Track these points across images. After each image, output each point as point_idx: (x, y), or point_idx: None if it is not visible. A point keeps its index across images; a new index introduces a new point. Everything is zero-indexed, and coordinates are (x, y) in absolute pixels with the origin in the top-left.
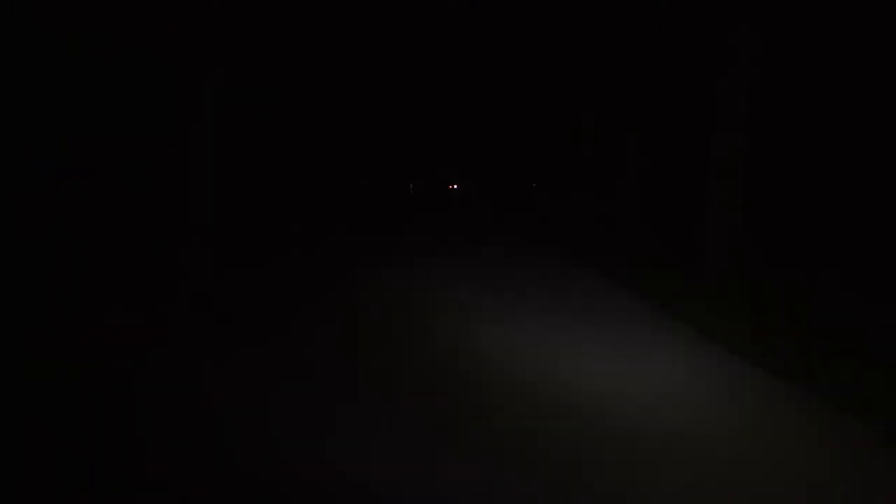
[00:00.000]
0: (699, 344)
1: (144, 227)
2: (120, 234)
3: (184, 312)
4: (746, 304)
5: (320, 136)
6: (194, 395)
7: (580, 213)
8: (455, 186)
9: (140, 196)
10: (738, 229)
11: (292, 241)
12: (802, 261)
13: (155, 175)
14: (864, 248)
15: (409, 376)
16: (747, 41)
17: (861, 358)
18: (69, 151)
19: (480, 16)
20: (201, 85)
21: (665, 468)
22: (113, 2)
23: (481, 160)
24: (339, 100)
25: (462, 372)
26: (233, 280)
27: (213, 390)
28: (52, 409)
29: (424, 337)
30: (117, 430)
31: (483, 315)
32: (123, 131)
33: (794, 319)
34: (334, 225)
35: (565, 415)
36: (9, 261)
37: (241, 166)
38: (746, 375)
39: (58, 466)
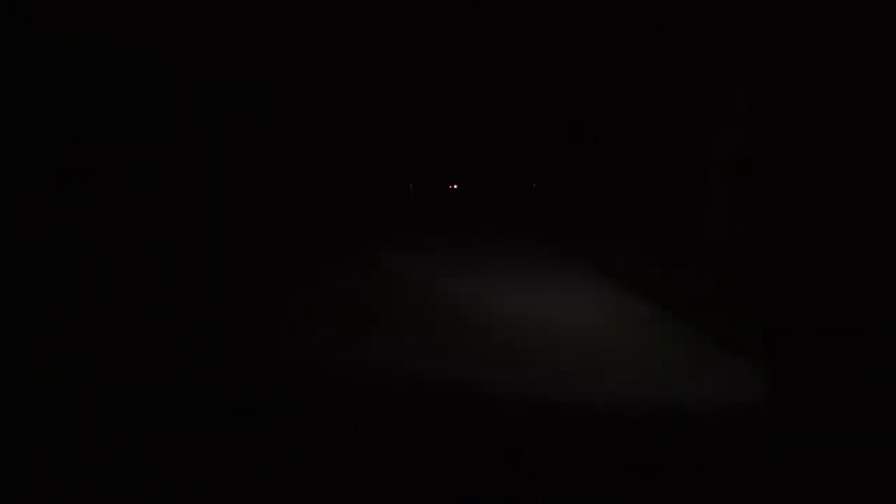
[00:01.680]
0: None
1: (144, 228)
2: (119, 235)
3: (182, 313)
4: (740, 303)
5: (320, 136)
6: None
7: (580, 212)
8: (455, 186)
9: (140, 197)
10: (738, 229)
11: (292, 241)
12: (802, 260)
13: (155, 176)
14: (865, 248)
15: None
16: (747, 41)
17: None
18: (69, 151)
19: (480, 16)
20: (201, 85)
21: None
22: (113, 2)
23: (481, 160)
24: (340, 100)
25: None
26: (232, 280)
27: (208, 391)
28: (52, 410)
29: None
30: (116, 429)
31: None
32: (124, 131)
33: (767, 310)
34: (334, 225)
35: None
36: (8, 261)
37: (242, 166)
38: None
39: (57, 466)
